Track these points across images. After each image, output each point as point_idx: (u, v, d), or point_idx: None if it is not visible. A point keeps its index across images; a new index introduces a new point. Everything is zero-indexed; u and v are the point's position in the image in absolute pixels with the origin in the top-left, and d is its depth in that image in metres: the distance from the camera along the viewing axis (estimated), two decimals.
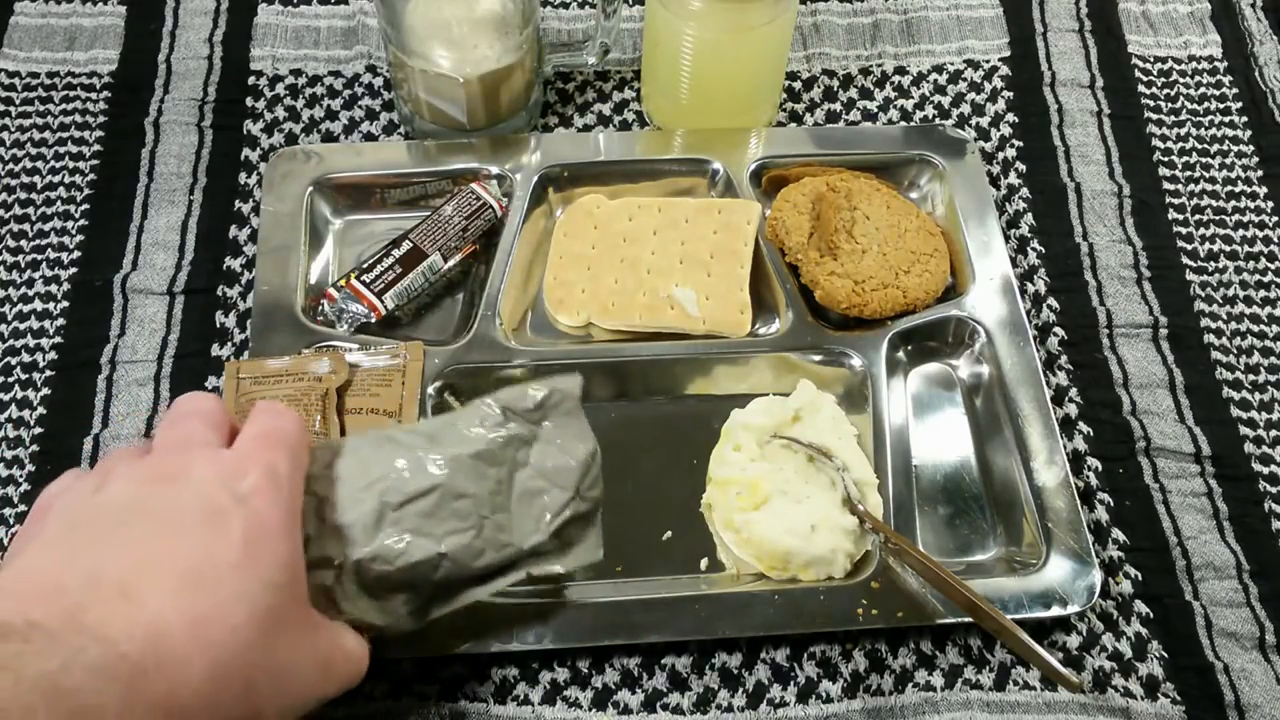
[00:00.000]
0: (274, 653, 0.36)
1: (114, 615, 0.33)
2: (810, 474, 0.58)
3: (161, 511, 0.36)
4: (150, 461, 0.39)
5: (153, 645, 0.32)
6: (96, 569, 0.34)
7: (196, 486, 0.37)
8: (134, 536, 0.35)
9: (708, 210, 0.67)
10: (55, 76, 0.76)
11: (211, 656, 0.33)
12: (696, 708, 0.54)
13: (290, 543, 0.38)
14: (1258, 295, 0.69)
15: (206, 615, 0.34)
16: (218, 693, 0.34)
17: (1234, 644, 0.56)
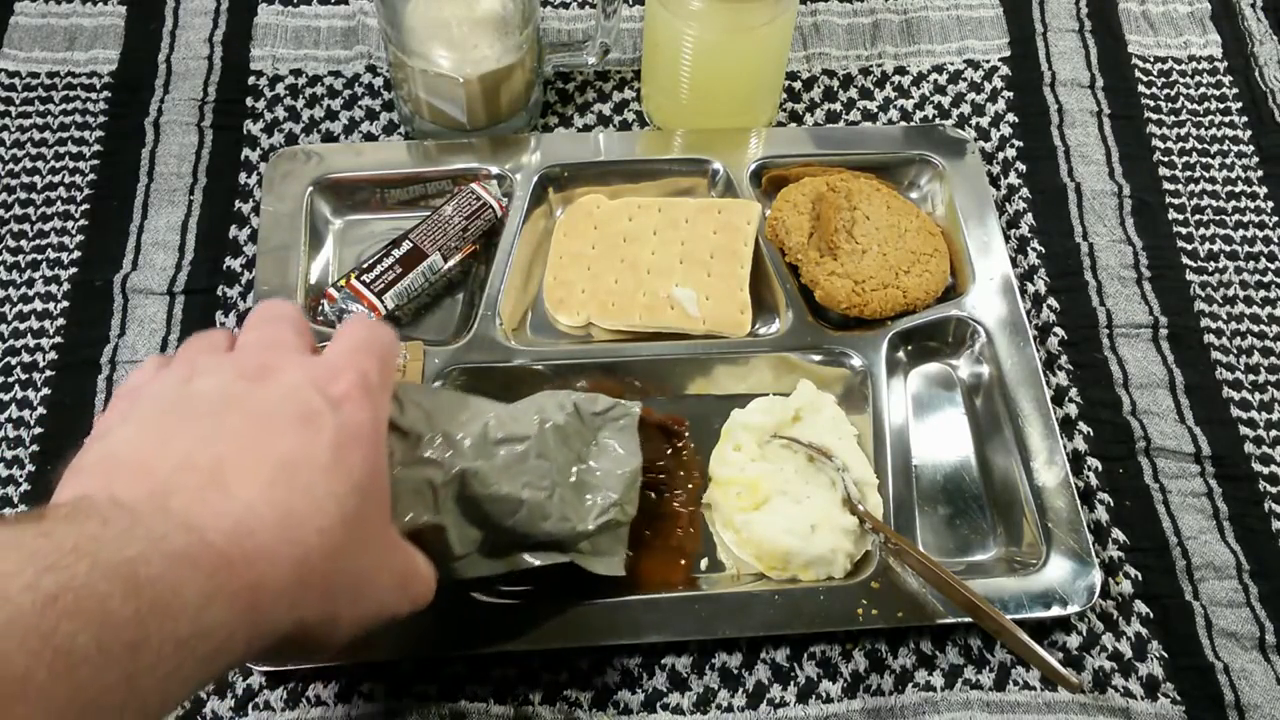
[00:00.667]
0: (356, 560, 0.35)
1: (203, 503, 0.31)
2: (810, 474, 0.58)
3: (254, 407, 0.35)
4: (238, 359, 0.37)
5: (240, 538, 0.31)
6: (188, 455, 0.32)
7: (288, 387, 0.35)
8: (227, 427, 0.34)
9: (708, 210, 0.67)
10: (55, 76, 0.76)
11: (298, 556, 0.32)
12: (696, 708, 0.54)
13: (378, 453, 0.37)
14: (1258, 295, 0.69)
15: (297, 514, 0.33)
16: (300, 594, 0.32)
17: (1234, 644, 0.56)
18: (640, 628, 0.53)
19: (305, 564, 0.32)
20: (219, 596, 0.30)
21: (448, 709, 0.53)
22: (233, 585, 0.30)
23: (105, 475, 0.32)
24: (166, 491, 0.31)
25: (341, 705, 0.53)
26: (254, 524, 0.31)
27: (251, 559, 0.31)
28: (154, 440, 0.33)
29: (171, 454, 0.32)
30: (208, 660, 0.30)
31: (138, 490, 0.31)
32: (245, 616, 0.31)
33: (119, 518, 0.29)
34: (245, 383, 0.36)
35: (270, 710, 0.53)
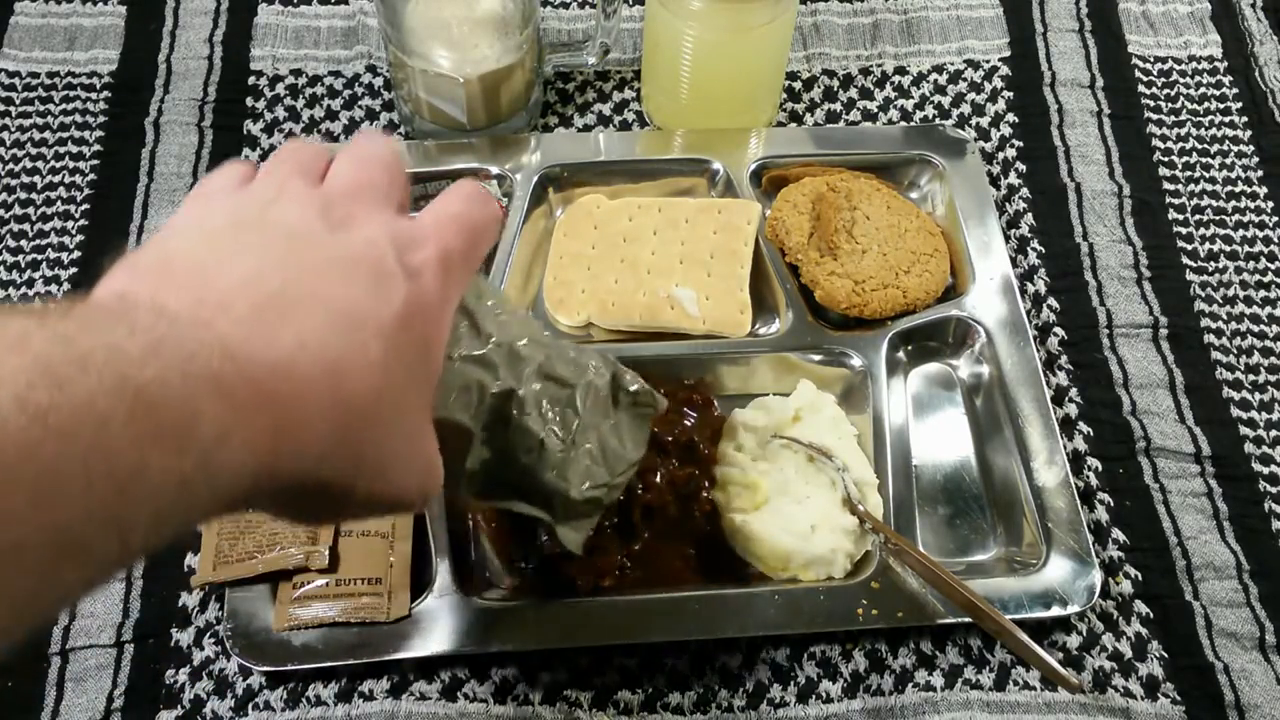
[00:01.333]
0: (391, 434, 0.33)
1: (251, 329, 0.28)
2: (810, 474, 0.58)
3: (329, 250, 0.32)
4: (326, 197, 0.34)
5: (281, 377, 0.28)
6: (250, 276, 0.30)
7: (367, 242, 0.33)
8: (296, 260, 0.31)
9: (708, 210, 0.67)
10: (55, 76, 0.76)
11: (337, 413, 0.30)
12: (696, 708, 0.54)
13: (439, 334, 0.35)
14: (1258, 295, 0.69)
15: (348, 366, 0.30)
16: (327, 452, 0.30)
17: (1234, 644, 0.56)
18: (640, 628, 0.53)
19: (341, 422, 0.30)
20: (240, 435, 0.27)
21: (448, 709, 0.53)
22: (258, 425, 0.27)
23: (155, 276, 0.29)
24: (216, 306, 0.28)
25: (341, 705, 0.53)
26: (300, 366, 0.29)
27: (287, 403, 0.28)
28: (218, 252, 0.31)
29: (232, 270, 0.30)
30: (208, 501, 0.27)
31: (184, 299, 0.28)
32: (263, 463, 0.28)
33: (151, 327, 0.26)
34: (326, 224, 0.33)
35: (270, 710, 0.53)
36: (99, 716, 0.53)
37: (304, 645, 0.52)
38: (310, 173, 0.36)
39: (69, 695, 0.53)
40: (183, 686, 0.54)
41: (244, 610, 0.53)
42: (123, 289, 0.29)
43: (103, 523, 0.24)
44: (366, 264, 0.32)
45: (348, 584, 0.54)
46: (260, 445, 0.28)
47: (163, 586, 0.56)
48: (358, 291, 0.31)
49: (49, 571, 0.24)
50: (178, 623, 0.55)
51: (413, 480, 0.35)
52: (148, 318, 0.26)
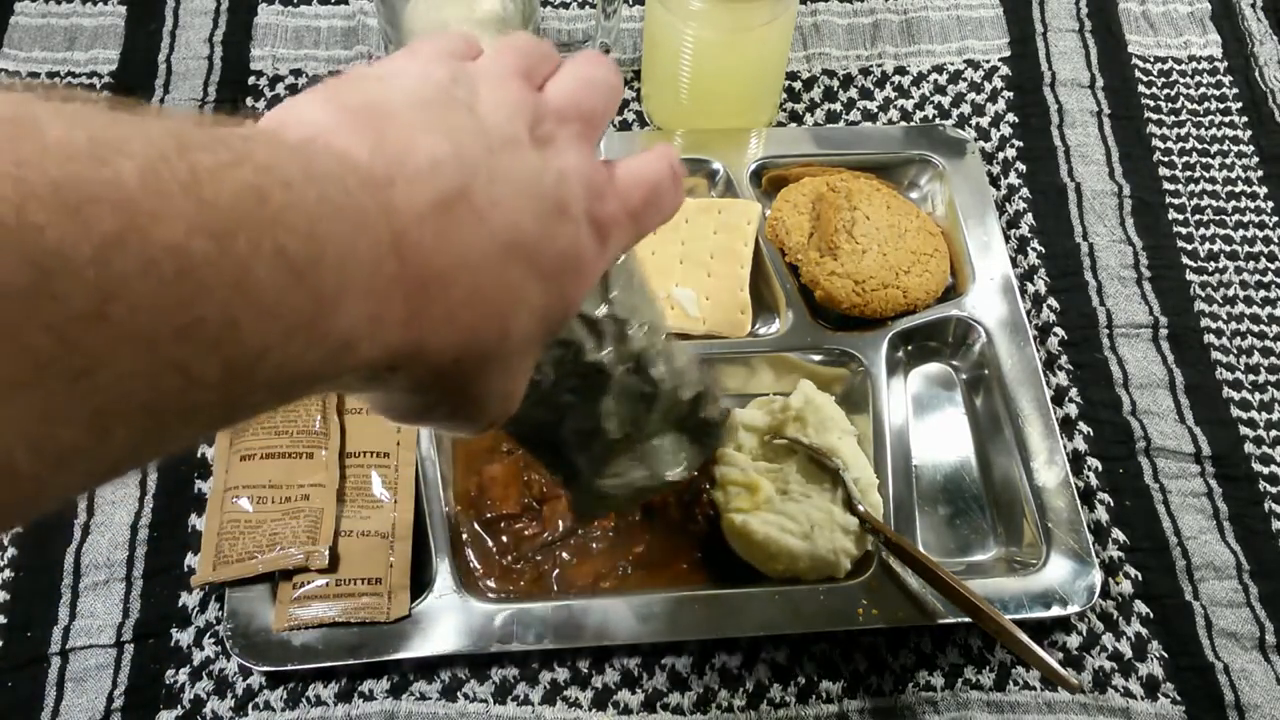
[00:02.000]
0: (506, 370, 0.31)
1: (429, 227, 0.26)
2: (811, 474, 0.58)
3: (523, 166, 0.30)
4: (538, 108, 0.32)
5: (450, 280, 0.27)
6: (445, 162, 0.27)
7: (561, 175, 0.31)
8: (490, 165, 0.29)
9: (708, 210, 0.67)
10: (55, 76, 0.76)
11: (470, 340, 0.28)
12: (697, 708, 0.54)
13: (582, 293, 0.33)
14: (1258, 295, 0.69)
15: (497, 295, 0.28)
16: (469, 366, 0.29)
17: (1234, 644, 0.56)
18: (640, 628, 0.53)
19: (470, 348, 0.28)
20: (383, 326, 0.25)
21: (448, 709, 0.53)
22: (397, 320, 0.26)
23: (354, 118, 0.27)
24: (405, 184, 0.26)
25: (341, 705, 0.53)
26: (459, 281, 0.27)
27: (435, 314, 0.27)
28: (422, 125, 0.28)
29: (431, 149, 0.27)
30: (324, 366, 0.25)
31: (370, 161, 0.26)
32: (392, 358, 0.26)
33: (327, 174, 0.24)
34: (531, 138, 0.31)
35: (270, 710, 0.53)
36: (99, 717, 0.53)
37: (304, 645, 0.52)
38: (534, 75, 0.34)
39: (69, 695, 0.53)
40: (183, 686, 0.54)
41: (244, 610, 0.53)
42: (314, 120, 0.26)
43: (210, 346, 0.21)
44: (551, 197, 0.30)
45: (348, 584, 0.54)
46: (391, 345, 0.26)
47: (162, 586, 0.56)
48: (533, 222, 0.29)
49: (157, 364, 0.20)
50: (178, 623, 0.55)
51: (495, 410, 0.34)
52: (324, 166, 0.24)
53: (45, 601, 0.56)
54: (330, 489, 0.56)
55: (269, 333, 0.22)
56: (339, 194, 0.24)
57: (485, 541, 0.57)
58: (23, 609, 0.56)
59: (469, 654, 0.53)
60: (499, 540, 0.57)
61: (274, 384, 0.23)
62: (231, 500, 0.56)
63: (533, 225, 0.29)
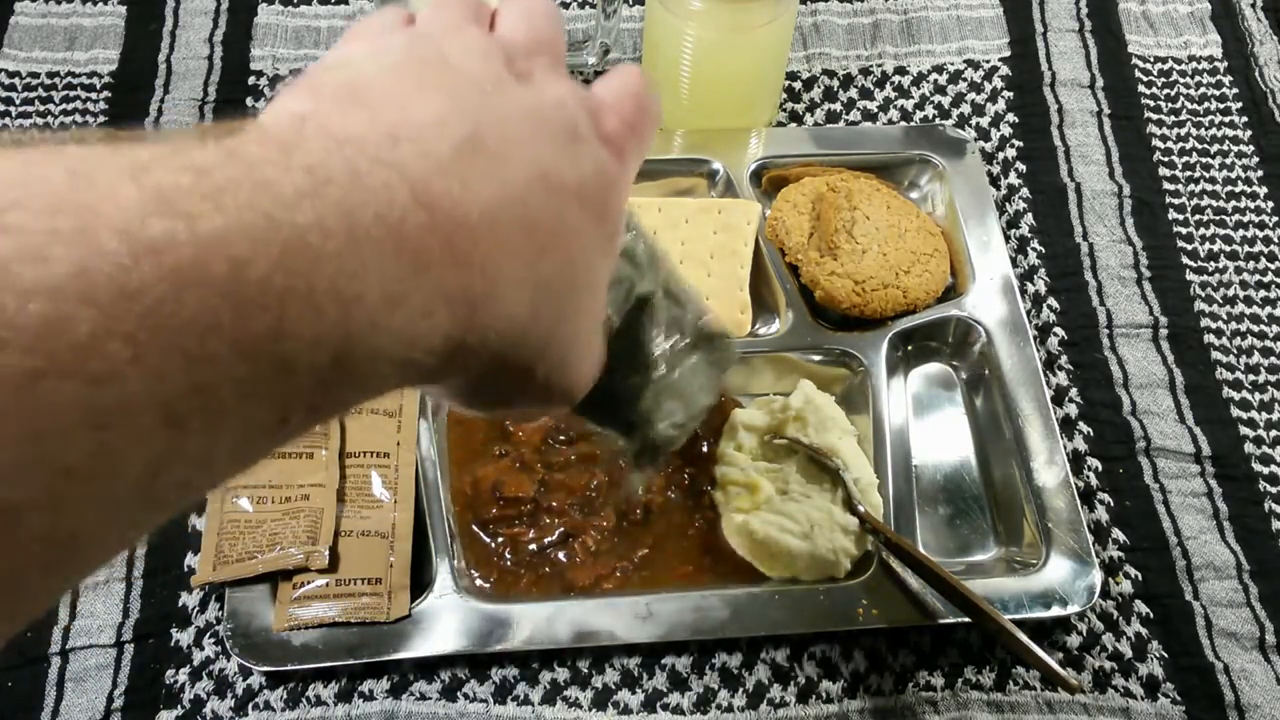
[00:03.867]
0: (580, 314, 0.30)
1: (454, 175, 0.24)
2: (811, 474, 0.58)
3: (519, 101, 0.28)
4: (506, 47, 0.30)
5: (487, 232, 0.25)
6: (446, 116, 0.26)
7: (558, 101, 0.29)
8: (490, 107, 0.27)
9: (708, 210, 0.67)
10: (56, 76, 0.76)
11: (537, 278, 0.26)
12: (696, 708, 0.54)
13: (622, 209, 0.32)
14: (1258, 295, 0.69)
15: (548, 229, 0.27)
16: (525, 318, 0.27)
17: (1234, 644, 0.56)
18: (640, 628, 0.53)
19: (538, 293, 0.27)
20: (421, 299, 0.23)
21: (448, 708, 0.53)
22: (449, 288, 0.24)
23: (340, 101, 0.25)
24: (412, 142, 0.24)
25: (342, 705, 0.53)
26: (503, 223, 0.25)
27: (486, 264, 0.25)
28: (404, 86, 0.26)
29: (425, 107, 0.26)
30: (378, 377, 0.23)
31: (375, 129, 0.24)
32: (455, 334, 0.24)
33: (321, 162, 0.22)
34: (510, 74, 0.29)
35: (270, 710, 0.53)
36: (99, 716, 0.53)
37: (304, 645, 0.52)
38: (481, 20, 0.32)
39: (69, 695, 0.53)
40: (183, 686, 0.54)
41: (244, 610, 0.53)
42: (301, 111, 0.24)
43: (234, 386, 0.20)
44: (559, 124, 0.29)
45: (348, 584, 0.54)
46: (454, 313, 0.24)
47: (163, 586, 0.56)
48: (552, 151, 0.28)
49: (167, 442, 0.19)
50: (178, 623, 0.55)
51: (586, 370, 0.32)
52: (320, 148, 0.22)
53: None
54: (330, 489, 0.56)
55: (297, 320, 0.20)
56: (338, 170, 0.22)
57: (485, 542, 0.57)
58: None
59: (469, 654, 0.53)
60: (499, 540, 0.57)
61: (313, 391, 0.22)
62: (231, 500, 0.56)
63: (553, 154, 0.28)
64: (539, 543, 0.56)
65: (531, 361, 0.28)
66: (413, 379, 0.25)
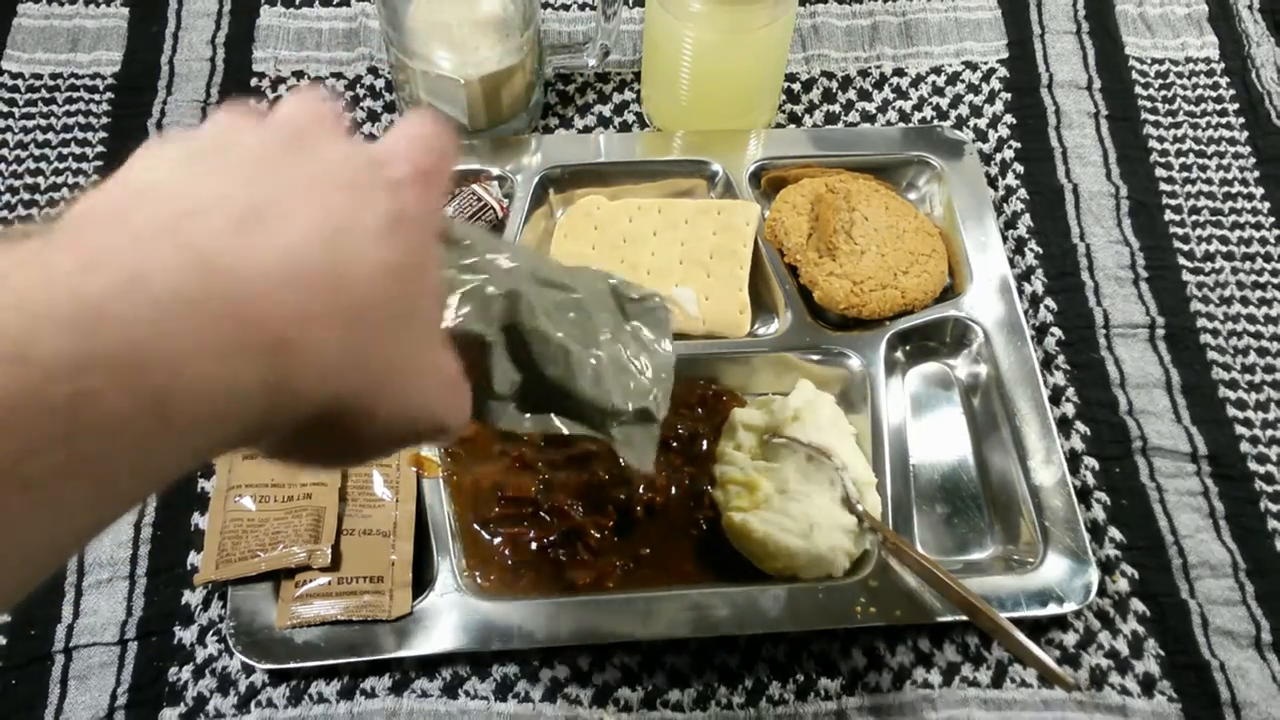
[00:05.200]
0: (403, 342, 0.31)
1: (234, 238, 0.26)
2: (810, 473, 0.58)
3: (299, 165, 0.30)
4: (278, 126, 0.32)
5: (276, 284, 0.26)
6: (225, 193, 0.27)
7: (339, 159, 0.31)
8: (270, 178, 0.29)
9: (707, 211, 0.68)
10: (58, 78, 0.76)
11: (341, 321, 0.28)
12: (696, 705, 0.54)
13: (433, 241, 0.33)
14: (1254, 296, 0.69)
15: (346, 270, 0.28)
16: (339, 362, 0.28)
17: (1230, 642, 0.57)
18: (640, 626, 0.54)
19: (348, 329, 0.28)
20: (231, 348, 0.25)
21: (449, 706, 0.53)
22: (254, 337, 0.25)
23: (117, 197, 0.26)
24: (191, 217, 0.26)
25: (344, 702, 0.53)
26: (291, 273, 0.27)
27: (283, 311, 0.26)
28: (182, 176, 0.28)
29: (204, 188, 0.27)
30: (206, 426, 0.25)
31: (151, 218, 0.25)
32: (266, 378, 0.26)
33: (101, 244, 0.24)
34: (287, 146, 0.31)
35: (273, 707, 0.53)
36: (102, 714, 0.53)
37: (306, 643, 0.53)
38: (255, 113, 0.33)
39: (72, 693, 0.53)
40: (186, 684, 0.54)
41: (246, 608, 0.53)
42: (82, 209, 0.26)
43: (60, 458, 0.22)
44: (342, 178, 0.30)
45: (350, 582, 0.54)
46: (263, 360, 0.25)
47: (165, 584, 0.57)
48: (338, 203, 0.29)
49: None
50: (181, 621, 0.56)
51: (439, 396, 0.33)
52: (98, 234, 0.24)
53: (49, 599, 0.56)
54: (332, 488, 0.57)
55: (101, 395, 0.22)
56: (117, 247, 0.24)
57: (487, 540, 0.57)
58: (26, 607, 0.56)
59: (470, 652, 0.54)
60: (500, 539, 0.57)
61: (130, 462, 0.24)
62: (234, 499, 0.56)
63: (342, 206, 0.29)
64: (540, 541, 0.57)
65: (364, 402, 0.30)
66: (240, 435, 0.27)
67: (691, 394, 0.62)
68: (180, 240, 0.25)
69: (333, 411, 0.29)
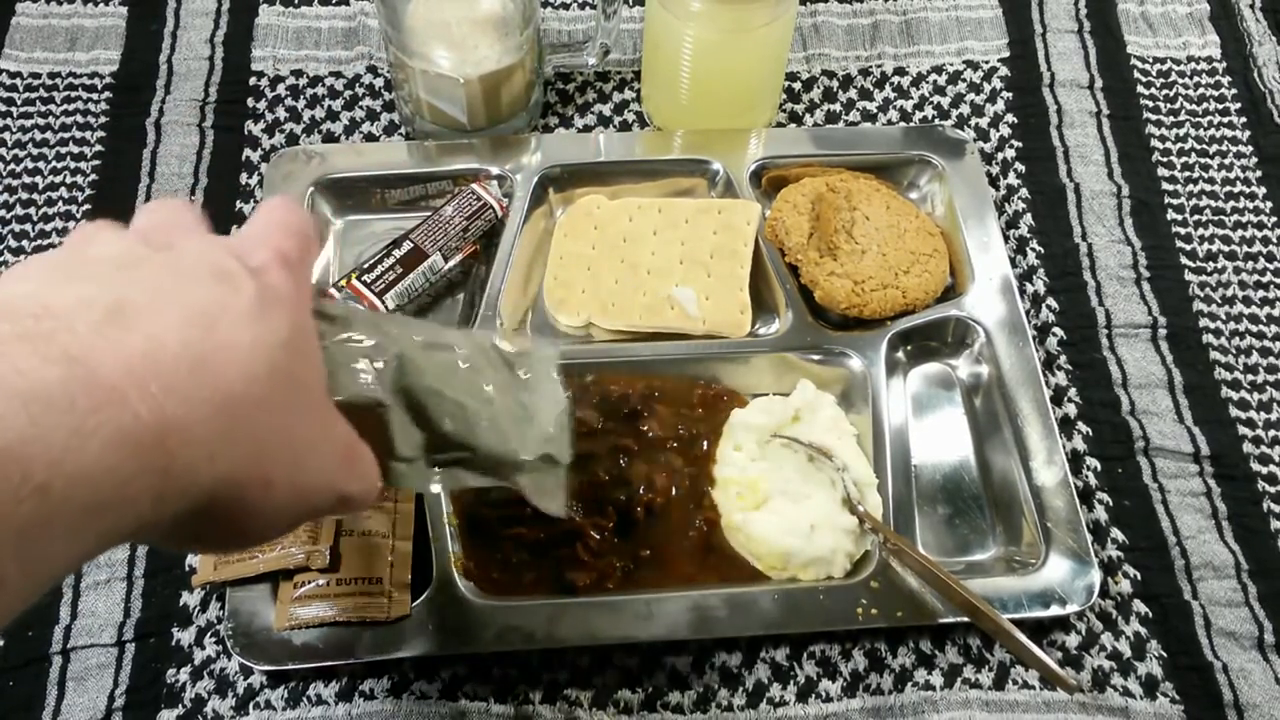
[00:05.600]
0: (291, 418, 0.32)
1: (97, 336, 0.27)
2: (810, 474, 0.58)
3: (162, 265, 0.31)
4: (137, 231, 0.34)
5: (144, 375, 0.27)
6: (86, 297, 0.28)
7: (199, 252, 0.32)
8: (132, 278, 0.30)
9: (708, 211, 0.67)
10: (57, 77, 0.76)
11: (219, 399, 0.28)
12: (696, 707, 0.54)
13: (306, 318, 0.34)
14: (1256, 295, 0.69)
15: (216, 357, 0.29)
16: (223, 444, 0.29)
17: (1233, 643, 0.56)
18: (640, 627, 0.53)
19: (228, 409, 0.29)
20: (108, 441, 0.26)
21: (448, 708, 0.53)
22: (129, 427, 0.26)
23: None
24: (54, 320, 0.27)
25: (342, 704, 0.53)
26: (162, 361, 0.28)
27: (158, 398, 0.27)
28: (44, 286, 0.29)
29: (68, 294, 0.28)
30: (94, 514, 0.26)
31: (18, 326, 0.26)
32: (149, 464, 0.27)
33: None
34: (151, 248, 0.32)
35: (271, 709, 0.53)
36: (100, 716, 0.53)
37: (305, 644, 0.52)
38: (115, 224, 0.35)
39: (70, 694, 0.53)
40: (184, 686, 0.54)
41: (245, 609, 0.53)
42: None
43: None
44: (205, 269, 0.31)
45: (348, 583, 0.54)
46: (143, 447, 0.26)
47: (164, 585, 0.56)
48: (204, 292, 0.31)
49: None
50: (179, 622, 0.55)
51: (336, 466, 0.34)
52: None
53: (46, 601, 0.56)
54: None
55: None
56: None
57: (486, 541, 0.57)
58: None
59: (469, 653, 0.54)
60: (500, 540, 0.57)
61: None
62: None
63: (205, 296, 0.31)
64: (540, 542, 0.56)
65: (256, 479, 0.31)
66: (134, 523, 0.27)
67: (691, 394, 0.62)
68: (47, 344, 0.26)
69: (226, 493, 0.30)
